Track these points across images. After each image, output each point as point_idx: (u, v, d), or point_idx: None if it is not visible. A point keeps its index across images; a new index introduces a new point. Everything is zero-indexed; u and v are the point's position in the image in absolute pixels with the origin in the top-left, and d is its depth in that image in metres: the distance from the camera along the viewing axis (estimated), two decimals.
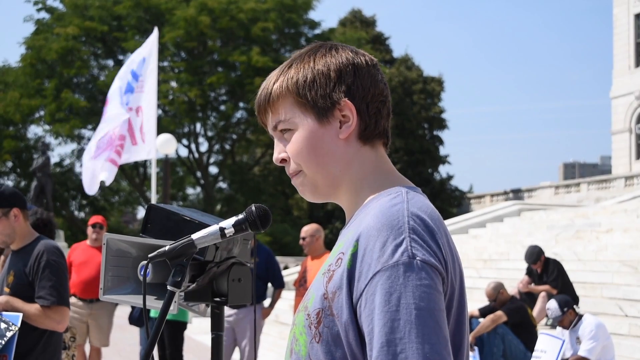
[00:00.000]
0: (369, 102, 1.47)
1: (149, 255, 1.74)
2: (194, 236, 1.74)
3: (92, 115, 32.35)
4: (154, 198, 10.73)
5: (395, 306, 1.25)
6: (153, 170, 10.22)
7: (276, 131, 1.51)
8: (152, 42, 9.92)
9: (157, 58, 9.72)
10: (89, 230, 8.14)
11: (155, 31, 10.12)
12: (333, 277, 1.35)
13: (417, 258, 1.28)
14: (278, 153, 1.52)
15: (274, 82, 1.50)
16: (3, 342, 3.50)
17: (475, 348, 7.70)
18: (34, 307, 3.69)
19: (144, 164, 34.08)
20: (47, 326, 3.73)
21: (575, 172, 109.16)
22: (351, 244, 1.35)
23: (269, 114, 1.51)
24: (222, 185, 38.68)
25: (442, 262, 1.31)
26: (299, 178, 1.50)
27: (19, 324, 3.54)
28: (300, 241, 7.66)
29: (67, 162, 36.54)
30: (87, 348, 8.28)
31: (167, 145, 15.05)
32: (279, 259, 21.53)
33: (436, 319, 1.25)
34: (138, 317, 7.60)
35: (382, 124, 1.50)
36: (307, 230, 7.59)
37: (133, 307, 7.43)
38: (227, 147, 37.28)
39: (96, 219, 8.25)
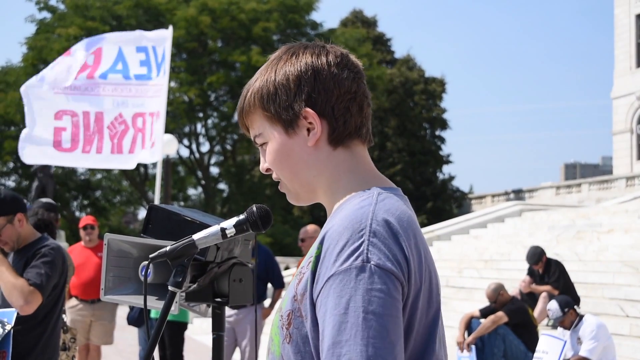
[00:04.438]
0: (334, 104, 1.46)
1: (150, 256, 1.74)
2: (195, 236, 1.74)
3: None
4: (157, 198, 10.69)
5: (344, 309, 1.26)
6: (158, 172, 10.12)
7: (256, 143, 1.54)
8: (167, 40, 9.00)
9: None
10: (81, 232, 8.15)
11: (171, 29, 9.25)
12: (302, 279, 1.37)
13: (372, 262, 1.28)
14: (262, 163, 1.55)
15: (245, 95, 1.52)
16: None
17: (473, 348, 7.70)
18: (17, 279, 3.63)
19: (145, 164, 34.10)
20: (16, 302, 3.62)
21: (576, 172, 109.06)
22: (316, 246, 1.37)
23: (248, 127, 1.55)
24: (223, 185, 38.70)
25: (403, 267, 1.31)
26: (282, 186, 1.55)
27: (12, 322, 3.53)
28: (299, 242, 7.62)
29: None
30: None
31: (168, 146, 15.05)
32: (280, 259, 21.56)
33: (384, 323, 1.25)
34: (136, 318, 7.59)
35: (353, 122, 1.48)
36: (305, 231, 7.58)
37: (131, 307, 7.43)
38: (228, 147, 37.30)
39: (86, 220, 8.25)
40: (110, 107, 8.58)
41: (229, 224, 1.74)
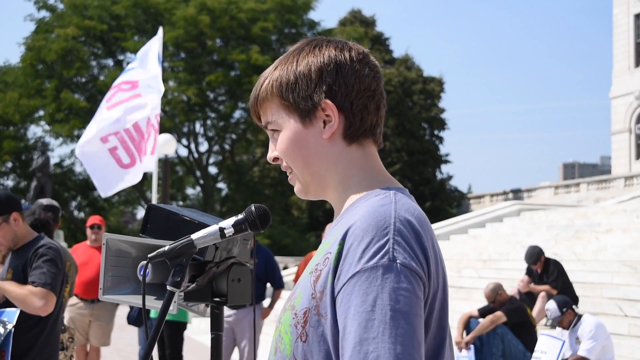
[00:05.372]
0: (354, 99, 1.46)
1: (149, 256, 1.73)
2: (194, 236, 1.73)
3: (92, 115, 32.28)
4: (154, 198, 10.71)
5: (370, 306, 1.25)
6: (154, 171, 10.16)
7: (268, 130, 1.54)
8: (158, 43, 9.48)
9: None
10: (88, 231, 8.16)
11: (160, 31, 9.69)
12: (320, 276, 1.36)
13: (398, 261, 1.28)
14: (271, 152, 1.55)
15: (262, 83, 1.52)
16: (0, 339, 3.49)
17: (471, 347, 7.70)
18: (22, 288, 3.68)
19: None
20: (32, 307, 3.68)
21: (575, 172, 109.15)
22: (337, 243, 1.35)
23: (260, 115, 1.55)
24: (222, 185, 38.71)
25: (425, 266, 1.32)
26: (291, 179, 1.54)
27: (14, 322, 3.54)
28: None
29: (66, 162, 36.55)
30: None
31: (167, 145, 15.05)
32: (278, 259, 21.57)
33: (410, 322, 1.25)
34: (136, 317, 7.60)
35: (369, 120, 1.49)
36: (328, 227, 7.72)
37: (131, 307, 7.44)
38: (227, 147, 37.29)
39: (94, 219, 8.26)
40: (144, 112, 8.92)
41: (228, 223, 1.74)
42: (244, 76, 31.98)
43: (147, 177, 34.97)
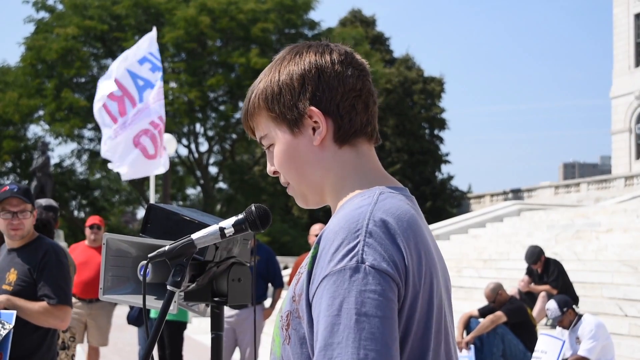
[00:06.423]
0: (339, 101, 1.45)
1: (149, 255, 1.74)
2: (194, 236, 1.73)
3: (92, 115, 32.27)
4: (152, 198, 10.72)
5: (337, 310, 1.25)
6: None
7: (263, 144, 1.53)
8: (152, 42, 9.69)
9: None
10: (87, 231, 8.15)
11: (154, 31, 9.88)
12: (300, 279, 1.37)
13: (366, 263, 1.26)
14: (269, 166, 1.54)
15: (249, 97, 1.52)
16: None
17: (471, 347, 7.70)
18: (37, 305, 3.70)
19: None
20: (50, 324, 3.73)
21: (575, 172, 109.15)
22: (314, 246, 1.36)
23: (254, 129, 1.54)
24: (222, 185, 38.71)
25: (400, 268, 1.29)
26: (290, 189, 1.53)
27: (13, 322, 3.53)
28: (313, 238, 7.69)
29: (67, 162, 36.56)
30: (84, 347, 8.28)
31: (167, 145, 15.05)
32: (278, 258, 21.53)
33: (377, 325, 1.23)
34: (136, 317, 7.59)
35: (359, 120, 1.47)
36: (313, 229, 7.73)
37: (131, 307, 7.43)
38: (227, 147, 37.30)
39: (93, 219, 8.24)
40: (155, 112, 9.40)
41: (228, 223, 1.74)
42: (244, 78, 31.98)
43: (147, 177, 35.01)
